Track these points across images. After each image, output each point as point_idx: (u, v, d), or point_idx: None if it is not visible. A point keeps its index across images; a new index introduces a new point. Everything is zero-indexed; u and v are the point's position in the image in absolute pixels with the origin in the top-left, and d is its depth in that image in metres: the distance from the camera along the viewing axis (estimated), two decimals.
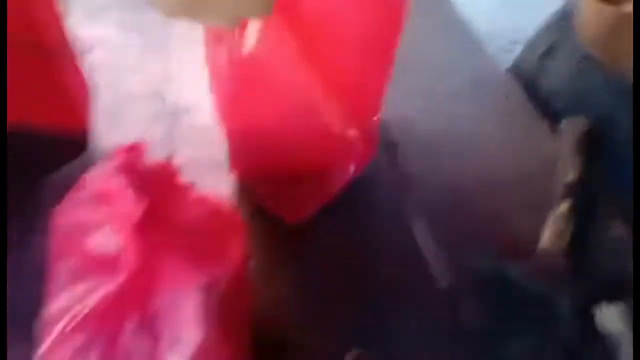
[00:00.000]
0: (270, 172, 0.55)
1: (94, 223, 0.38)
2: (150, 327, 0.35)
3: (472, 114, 0.70)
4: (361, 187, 0.58)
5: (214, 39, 0.50)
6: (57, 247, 0.40)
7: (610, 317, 0.45)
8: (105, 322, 0.35)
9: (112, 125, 0.61)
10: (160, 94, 0.66)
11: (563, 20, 0.69)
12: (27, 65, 0.52)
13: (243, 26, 0.45)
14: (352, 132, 0.52)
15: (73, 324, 0.36)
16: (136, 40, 0.72)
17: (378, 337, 0.47)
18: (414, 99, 0.70)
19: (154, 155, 0.38)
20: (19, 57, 0.51)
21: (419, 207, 0.57)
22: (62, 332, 0.36)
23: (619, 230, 0.55)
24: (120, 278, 0.35)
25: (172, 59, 0.70)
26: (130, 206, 0.36)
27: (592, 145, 0.60)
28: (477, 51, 0.82)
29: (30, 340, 0.38)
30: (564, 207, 0.55)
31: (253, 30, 0.44)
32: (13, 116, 0.50)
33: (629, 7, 0.55)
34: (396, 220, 0.56)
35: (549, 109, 0.67)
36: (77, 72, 0.58)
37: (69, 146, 0.57)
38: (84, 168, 0.40)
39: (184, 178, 0.39)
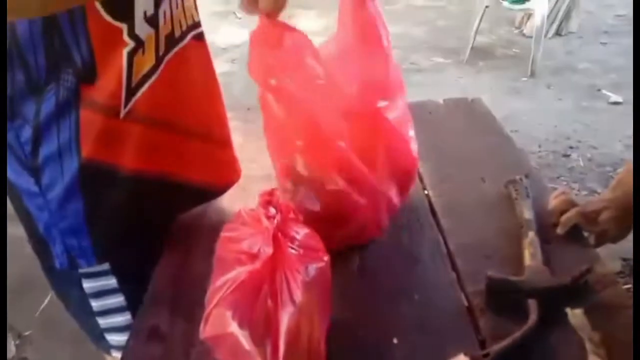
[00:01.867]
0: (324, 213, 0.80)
1: (245, 235, 0.66)
2: (273, 294, 0.61)
3: (490, 194, 0.95)
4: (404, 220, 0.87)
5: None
6: (219, 251, 0.68)
7: (579, 319, 0.65)
8: (247, 291, 0.62)
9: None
10: None
11: None
12: (201, 148, 0.84)
13: None
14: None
15: (227, 293, 0.63)
16: None
17: (415, 331, 0.70)
18: (455, 177, 0.98)
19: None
20: (197, 143, 0.83)
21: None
22: (220, 298, 0.63)
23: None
24: (258, 264, 0.62)
25: None
26: (266, 226, 0.64)
27: None
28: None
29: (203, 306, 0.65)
30: (531, 235, 0.78)
31: None
32: (191, 177, 0.82)
33: None
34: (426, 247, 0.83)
35: None
36: (227, 150, 0.90)
37: (218, 191, 0.91)
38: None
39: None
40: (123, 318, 0.83)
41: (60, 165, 0.71)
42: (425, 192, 0.99)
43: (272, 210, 0.64)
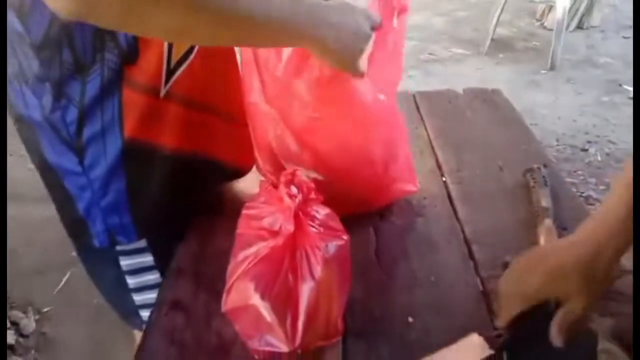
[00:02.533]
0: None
1: (266, 212, 0.68)
2: (293, 269, 0.63)
3: (508, 183, 0.96)
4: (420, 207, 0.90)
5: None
6: (241, 228, 0.70)
7: None
8: (269, 265, 0.64)
9: None
10: None
11: None
12: (229, 128, 0.86)
13: None
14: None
15: (249, 266, 0.65)
16: None
17: (430, 313, 0.71)
18: (473, 165, 0.99)
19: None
20: (226, 124, 0.85)
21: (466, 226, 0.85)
22: (242, 271, 0.65)
23: None
24: (280, 240, 0.64)
25: None
26: (287, 205, 0.65)
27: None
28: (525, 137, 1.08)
29: (224, 281, 0.67)
30: (547, 222, 0.79)
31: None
32: (221, 156, 0.84)
33: None
34: (442, 233, 0.85)
35: None
36: (248, 132, 0.92)
37: (243, 171, 0.94)
38: None
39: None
40: None
41: (103, 144, 0.74)
42: (443, 179, 1.00)
43: (294, 190, 0.66)
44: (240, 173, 0.94)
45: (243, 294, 0.63)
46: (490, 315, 0.71)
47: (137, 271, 0.85)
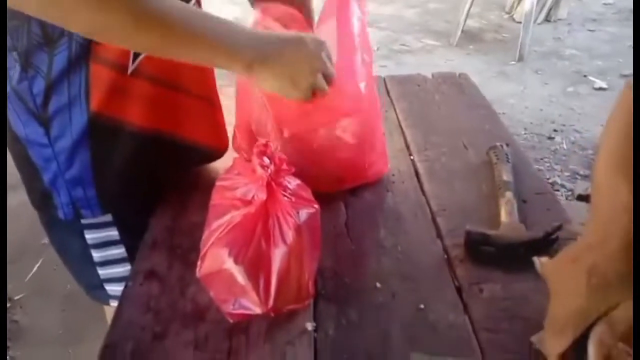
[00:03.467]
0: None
1: (240, 184, 0.70)
2: (266, 235, 0.66)
3: (472, 161, 1.00)
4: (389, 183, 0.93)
5: None
6: (215, 199, 0.72)
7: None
8: (242, 232, 0.66)
9: None
10: None
11: None
12: (201, 110, 0.88)
13: None
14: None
15: (223, 233, 0.67)
16: None
17: (396, 278, 0.75)
18: (439, 144, 1.03)
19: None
20: (198, 105, 0.87)
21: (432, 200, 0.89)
22: (216, 238, 0.67)
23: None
24: (252, 208, 0.66)
25: None
26: (260, 175, 0.68)
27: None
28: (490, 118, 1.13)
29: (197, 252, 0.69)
30: (508, 195, 0.83)
31: None
32: (191, 137, 0.86)
33: None
34: (409, 206, 0.89)
35: None
36: (221, 113, 0.94)
37: (215, 154, 0.95)
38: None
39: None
40: (123, 269, 0.87)
41: (69, 117, 0.74)
42: (411, 157, 1.04)
43: (266, 160, 0.68)
44: (214, 155, 0.95)
45: (217, 260, 0.66)
46: (453, 279, 0.75)
47: (102, 245, 0.86)
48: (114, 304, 0.91)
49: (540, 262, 0.72)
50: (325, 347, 0.65)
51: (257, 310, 0.65)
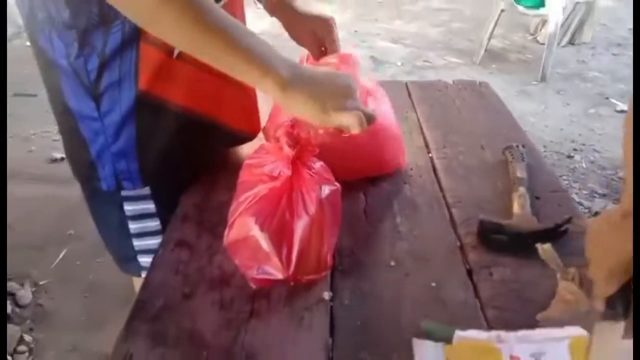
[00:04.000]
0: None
1: (267, 162, 0.75)
2: (290, 207, 0.71)
3: (488, 159, 1.04)
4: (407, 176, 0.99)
5: None
6: (243, 176, 0.77)
7: (549, 253, 0.74)
8: (268, 203, 0.71)
9: None
10: None
11: None
12: (238, 96, 0.94)
13: None
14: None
15: (250, 204, 0.72)
16: None
17: (410, 259, 0.79)
18: (457, 144, 1.07)
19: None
20: (235, 92, 0.93)
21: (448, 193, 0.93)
22: (244, 209, 0.72)
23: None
24: (278, 183, 0.72)
25: None
26: (286, 153, 0.73)
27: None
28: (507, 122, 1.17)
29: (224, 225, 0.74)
30: (521, 190, 0.87)
31: None
32: (226, 120, 0.92)
33: None
34: (426, 198, 0.94)
35: None
36: (255, 100, 1.00)
37: (246, 138, 1.01)
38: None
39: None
40: (157, 241, 0.92)
41: (119, 93, 0.81)
42: (430, 155, 1.08)
43: (293, 141, 0.74)
44: (246, 138, 1.01)
45: (244, 228, 0.71)
46: (464, 263, 0.79)
47: (139, 217, 0.92)
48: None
49: (542, 248, 0.76)
50: (340, 314, 0.70)
51: (279, 275, 0.70)
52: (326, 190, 0.72)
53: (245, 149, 1.02)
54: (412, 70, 3.84)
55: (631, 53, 4.16)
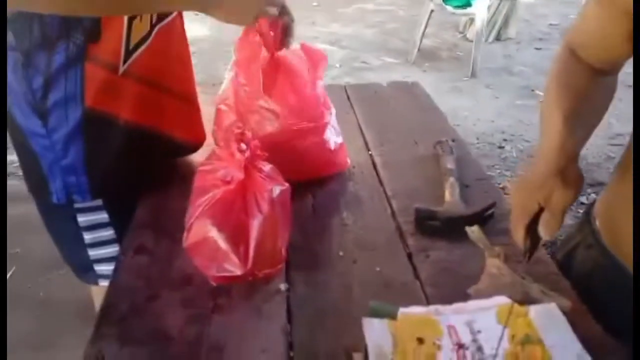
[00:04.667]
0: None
1: (220, 167, 0.81)
2: (244, 207, 0.77)
3: (421, 154, 1.14)
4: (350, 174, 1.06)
5: None
6: (197, 182, 0.83)
7: (477, 234, 0.84)
8: (223, 205, 0.77)
9: None
10: None
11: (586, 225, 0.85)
12: (182, 108, 0.99)
13: None
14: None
15: (206, 208, 0.77)
16: None
17: (357, 248, 0.87)
18: (393, 141, 1.17)
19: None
20: (179, 104, 0.98)
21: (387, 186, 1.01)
22: (200, 212, 0.78)
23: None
24: (232, 186, 0.77)
25: None
26: (238, 158, 0.79)
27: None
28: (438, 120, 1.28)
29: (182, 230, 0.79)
30: (451, 179, 0.97)
31: None
32: (172, 132, 0.97)
33: None
34: (368, 192, 1.02)
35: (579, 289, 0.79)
36: (198, 111, 1.05)
37: (193, 147, 1.06)
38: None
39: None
40: (112, 249, 0.96)
41: (65, 111, 0.84)
42: (369, 152, 1.17)
43: (243, 146, 0.80)
44: (192, 148, 1.06)
45: (202, 229, 0.76)
46: (404, 248, 0.87)
47: (93, 227, 0.95)
48: (103, 283, 1.00)
49: (471, 230, 0.85)
50: (296, 303, 0.76)
51: (238, 271, 0.76)
52: (277, 190, 0.79)
53: (197, 157, 1.07)
54: (350, 72, 3.96)
55: (553, 47, 4.46)
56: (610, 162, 2.85)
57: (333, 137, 1.03)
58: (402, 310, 0.72)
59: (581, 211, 2.64)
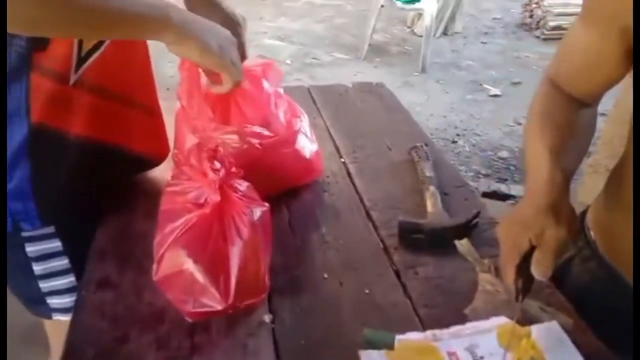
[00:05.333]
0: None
1: (191, 188, 0.73)
2: (223, 233, 0.69)
3: (395, 159, 1.10)
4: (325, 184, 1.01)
5: None
6: (165, 204, 0.74)
7: (466, 247, 0.80)
8: (199, 232, 0.69)
9: None
10: None
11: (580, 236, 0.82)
12: (143, 119, 0.90)
13: None
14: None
15: (179, 235, 0.70)
16: None
17: (341, 268, 0.81)
18: (366, 147, 1.12)
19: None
20: (139, 114, 0.89)
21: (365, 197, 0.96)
22: (173, 241, 0.70)
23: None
24: (207, 209, 0.70)
25: None
26: (212, 178, 0.71)
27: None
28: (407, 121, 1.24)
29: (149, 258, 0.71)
30: (432, 188, 0.94)
31: None
32: (133, 146, 0.87)
33: None
34: (345, 203, 0.97)
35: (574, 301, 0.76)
36: (162, 122, 0.96)
37: (155, 161, 0.97)
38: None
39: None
40: (66, 280, 0.86)
41: (9, 128, 0.73)
42: (342, 160, 1.12)
43: (217, 164, 0.72)
44: (155, 162, 0.97)
45: (175, 261, 0.68)
46: (390, 265, 0.83)
47: (43, 257, 0.85)
48: (57, 317, 0.90)
49: (460, 244, 0.82)
50: (283, 335, 0.70)
51: (218, 306, 0.68)
52: (257, 212, 0.72)
53: (158, 172, 0.98)
54: (301, 68, 3.90)
55: (497, 41, 4.57)
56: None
57: (307, 145, 0.96)
58: (399, 338, 0.67)
59: None
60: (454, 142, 3.09)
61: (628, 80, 0.69)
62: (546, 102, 0.74)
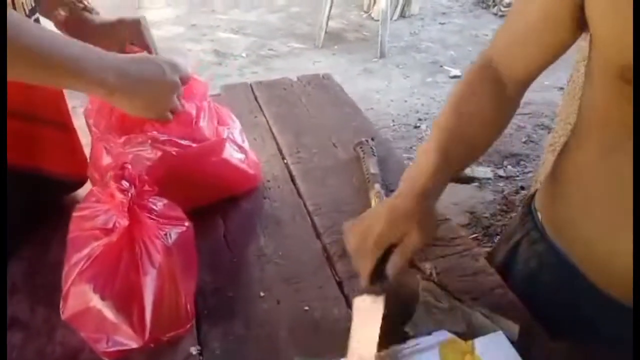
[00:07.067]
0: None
1: (99, 212, 0.65)
2: (133, 262, 0.62)
3: (341, 157, 1.03)
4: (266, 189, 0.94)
5: None
6: (73, 231, 0.66)
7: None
8: (105, 263, 0.62)
9: None
10: None
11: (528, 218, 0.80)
12: (56, 137, 0.81)
13: None
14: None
15: (84, 268, 0.62)
16: None
17: (280, 284, 0.75)
18: (310, 145, 1.04)
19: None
20: (53, 133, 0.80)
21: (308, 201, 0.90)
22: (77, 275, 0.62)
23: None
24: (114, 237, 0.62)
25: None
26: (120, 200, 0.64)
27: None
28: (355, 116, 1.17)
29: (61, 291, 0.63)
30: (377, 186, 0.88)
31: None
32: (49, 167, 0.79)
33: None
34: (287, 210, 0.90)
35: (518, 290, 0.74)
36: (77, 138, 0.87)
37: (76, 183, 0.89)
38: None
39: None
40: None
41: None
42: (285, 161, 1.05)
43: (125, 184, 0.64)
44: (75, 184, 0.88)
45: (82, 298, 0.61)
46: (334, 276, 0.76)
47: None
48: None
49: None
50: None
51: (133, 344, 0.61)
52: (174, 234, 0.65)
53: (80, 194, 0.89)
54: (258, 60, 3.80)
55: (455, 20, 4.54)
56: (521, 133, 2.91)
57: (237, 153, 0.89)
58: None
59: (501, 185, 2.65)
60: (416, 127, 3.05)
61: (579, 53, 0.64)
62: (467, 92, 0.73)
